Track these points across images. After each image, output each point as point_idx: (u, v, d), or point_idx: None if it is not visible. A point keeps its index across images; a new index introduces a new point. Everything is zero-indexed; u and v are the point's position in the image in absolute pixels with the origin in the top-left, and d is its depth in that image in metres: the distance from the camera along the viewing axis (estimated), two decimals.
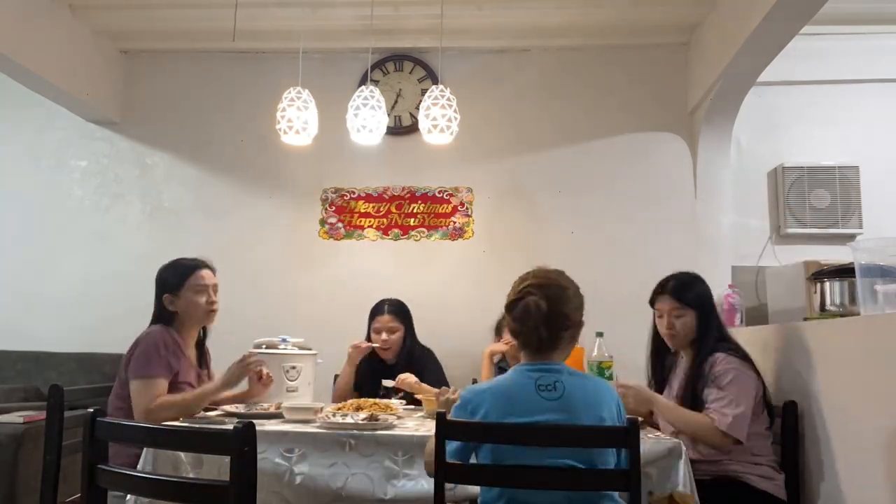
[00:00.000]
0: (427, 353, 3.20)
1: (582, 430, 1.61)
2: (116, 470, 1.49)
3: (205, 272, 2.52)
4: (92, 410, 1.52)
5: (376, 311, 3.13)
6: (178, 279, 2.46)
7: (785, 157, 3.87)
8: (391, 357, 3.09)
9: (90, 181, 4.12)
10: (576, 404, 1.60)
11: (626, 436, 1.55)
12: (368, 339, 3.12)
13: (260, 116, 3.91)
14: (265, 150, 3.97)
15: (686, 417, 2.19)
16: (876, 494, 1.91)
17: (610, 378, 2.63)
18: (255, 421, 2.10)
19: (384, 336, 3.04)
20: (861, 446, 1.99)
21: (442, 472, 1.57)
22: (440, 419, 1.57)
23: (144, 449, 1.98)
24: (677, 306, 2.35)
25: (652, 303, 2.46)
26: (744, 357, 2.26)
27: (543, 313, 1.62)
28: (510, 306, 1.68)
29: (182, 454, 1.95)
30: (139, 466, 1.96)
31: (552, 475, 1.57)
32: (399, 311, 3.14)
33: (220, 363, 3.71)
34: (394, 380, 2.85)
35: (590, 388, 1.65)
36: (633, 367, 2.92)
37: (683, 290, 2.37)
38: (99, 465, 1.50)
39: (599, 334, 2.70)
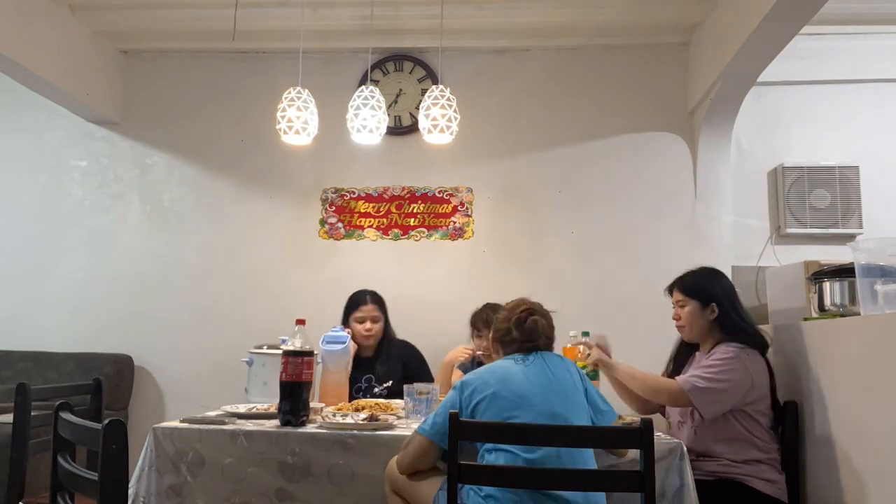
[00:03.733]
0: (407, 346, 3.22)
1: (594, 431, 1.68)
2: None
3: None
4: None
5: (358, 300, 3.17)
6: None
7: (785, 157, 3.87)
8: (370, 349, 3.11)
9: (90, 181, 4.12)
10: (550, 366, 1.92)
11: (641, 436, 1.56)
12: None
13: (260, 116, 3.91)
14: (265, 150, 3.97)
15: (648, 379, 2.28)
16: (876, 494, 1.91)
17: (595, 377, 2.62)
18: (255, 421, 2.12)
19: (367, 325, 3.07)
20: (861, 446, 2.00)
21: (455, 472, 1.58)
22: (453, 420, 1.59)
23: (144, 448, 1.99)
24: (681, 297, 2.42)
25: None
26: (752, 345, 2.26)
27: (546, 331, 2.01)
28: (519, 322, 2.00)
29: (186, 455, 1.96)
30: (138, 466, 1.97)
31: (565, 476, 1.59)
32: (379, 300, 3.20)
33: (221, 363, 3.74)
34: (374, 374, 2.92)
35: (556, 357, 2.01)
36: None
37: (688, 280, 2.44)
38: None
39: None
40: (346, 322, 3.15)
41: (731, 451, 2.19)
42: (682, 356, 2.53)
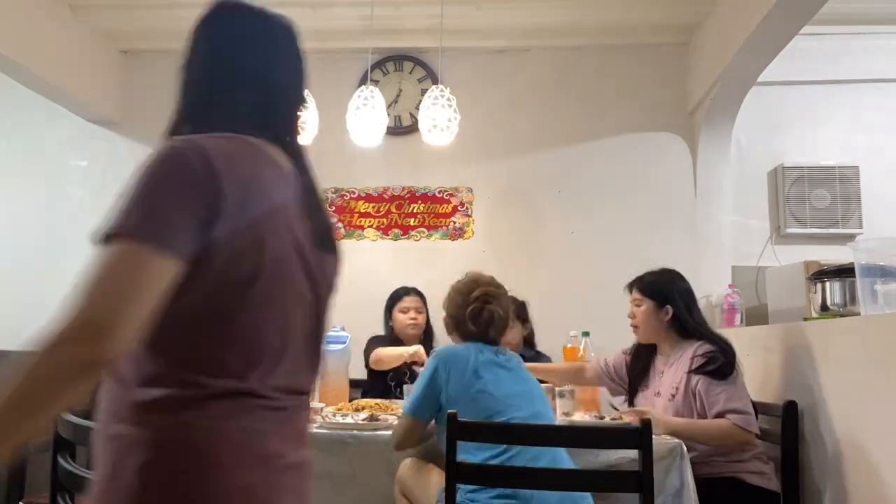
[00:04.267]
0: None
1: (593, 431, 1.69)
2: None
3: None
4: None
5: (402, 293, 3.22)
6: None
7: (785, 157, 3.87)
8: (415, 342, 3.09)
9: (90, 181, 4.11)
10: (520, 367, 1.96)
11: (640, 437, 1.56)
12: (389, 327, 3.15)
13: None
14: None
15: (705, 428, 2.14)
16: (877, 494, 1.91)
17: None
18: None
19: (412, 314, 3.10)
20: (861, 446, 2.00)
21: (453, 472, 1.58)
22: (451, 420, 1.59)
23: None
24: (638, 296, 2.43)
25: None
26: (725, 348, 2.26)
27: (503, 319, 1.97)
28: (474, 315, 1.94)
29: None
30: None
31: (562, 476, 1.59)
32: (422, 295, 3.24)
33: None
34: (410, 373, 2.89)
35: (529, 376, 1.99)
36: None
37: (646, 280, 2.44)
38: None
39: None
40: (388, 316, 3.19)
41: (720, 450, 2.19)
42: (638, 364, 2.50)
